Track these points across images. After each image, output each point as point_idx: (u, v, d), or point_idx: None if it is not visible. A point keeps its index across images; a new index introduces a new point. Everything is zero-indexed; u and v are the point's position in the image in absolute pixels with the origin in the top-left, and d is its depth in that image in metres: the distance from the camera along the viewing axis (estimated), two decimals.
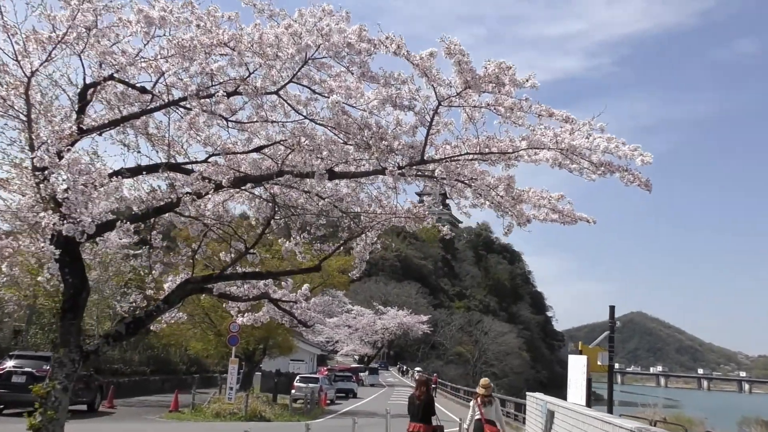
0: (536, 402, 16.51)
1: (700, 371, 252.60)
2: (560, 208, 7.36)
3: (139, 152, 7.58)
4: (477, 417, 12.12)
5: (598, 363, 19.50)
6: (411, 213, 8.69)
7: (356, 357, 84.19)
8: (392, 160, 6.86)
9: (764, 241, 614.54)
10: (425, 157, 6.85)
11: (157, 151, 7.25)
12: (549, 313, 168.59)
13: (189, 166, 7.46)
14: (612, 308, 20.90)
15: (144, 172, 6.94)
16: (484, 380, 12.71)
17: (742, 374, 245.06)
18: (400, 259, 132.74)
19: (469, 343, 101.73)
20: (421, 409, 11.66)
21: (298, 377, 37.33)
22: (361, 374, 62.48)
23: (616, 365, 19.65)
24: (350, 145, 6.72)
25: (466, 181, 7.30)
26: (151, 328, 8.24)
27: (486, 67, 5.78)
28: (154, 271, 7.55)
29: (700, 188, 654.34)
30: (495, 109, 6.20)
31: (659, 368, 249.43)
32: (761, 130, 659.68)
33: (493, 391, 12.77)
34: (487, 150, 6.57)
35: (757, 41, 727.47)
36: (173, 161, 7.58)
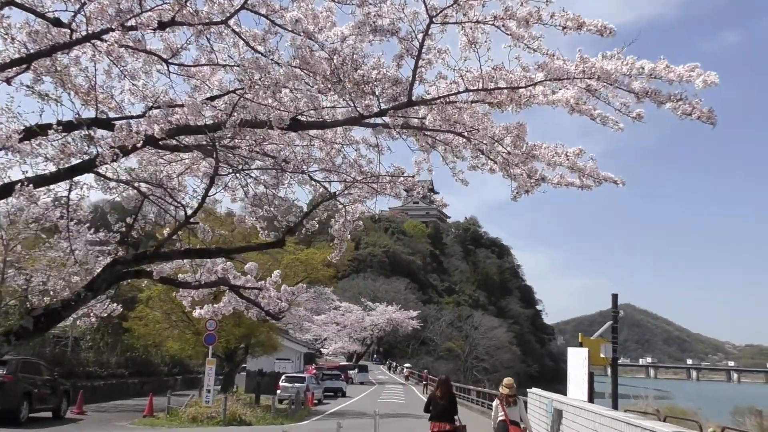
0: (539, 399, 15.14)
1: (689, 362, 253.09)
2: (581, 166, 5.95)
3: (60, 104, 6.08)
4: (501, 418, 11.80)
5: (601, 355, 18.32)
6: (396, 179, 7.28)
7: (332, 354, 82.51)
8: (371, 103, 5.40)
9: (750, 232, 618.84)
10: (413, 98, 5.39)
11: (73, 101, 5.73)
12: (538, 307, 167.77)
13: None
14: (615, 296, 19.59)
15: (56, 127, 5.42)
16: (507, 380, 12.42)
17: (731, 364, 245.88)
18: (388, 254, 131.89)
19: (459, 339, 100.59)
20: (445, 409, 11.61)
21: (283, 377, 35.79)
22: (351, 372, 61.04)
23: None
24: (317, 86, 5.26)
25: (465, 133, 5.86)
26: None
27: None
28: (77, 251, 6.07)
29: (687, 180, 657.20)
30: (504, 25, 4.76)
31: (648, 359, 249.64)
32: (749, 122, 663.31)
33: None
34: (492, 85, 5.13)
35: (741, 33, 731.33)
36: (104, 116, 6.11)
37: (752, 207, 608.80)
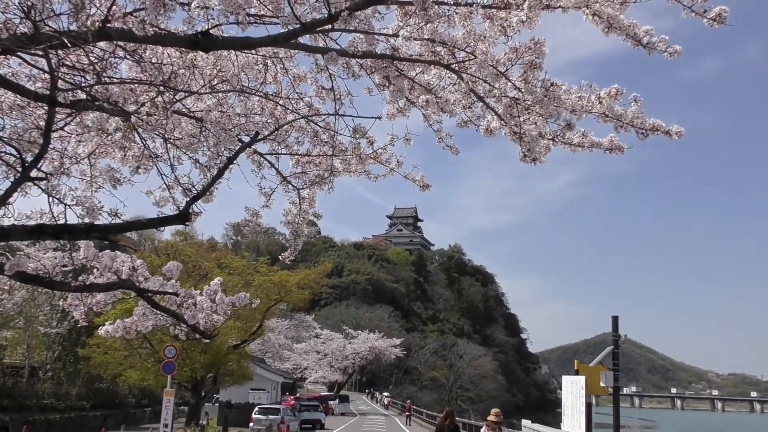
0: None
1: (673, 390, 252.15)
2: (619, 111, 4.20)
3: None
4: None
5: (601, 384, 16.63)
6: (360, 153, 5.48)
7: (314, 382, 79.87)
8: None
9: (732, 260, 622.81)
10: None
11: None
12: (523, 335, 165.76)
13: None
14: (615, 319, 17.95)
15: None
16: (495, 410, 13.66)
17: (714, 393, 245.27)
18: (371, 282, 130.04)
19: (444, 368, 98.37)
20: None
21: (256, 408, 33.47)
22: (331, 402, 58.52)
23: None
24: None
25: (454, 64, 4.10)
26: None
27: None
28: None
29: (667, 207, 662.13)
30: None
31: (633, 388, 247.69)
32: (728, 149, 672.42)
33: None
34: None
35: (720, 60, 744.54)
36: None
37: (735, 235, 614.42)
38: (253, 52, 4.61)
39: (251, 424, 31.09)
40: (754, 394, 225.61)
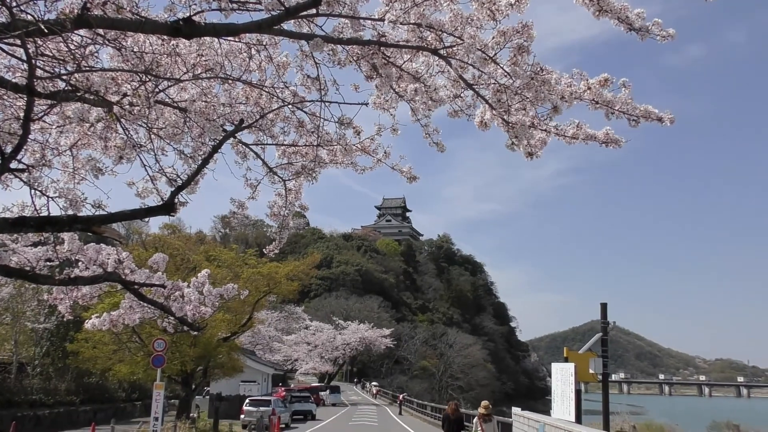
0: (527, 423, 13.35)
1: (661, 376, 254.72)
2: (608, 98, 4.16)
3: None
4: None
5: (590, 371, 16.79)
6: (345, 144, 5.41)
7: (304, 373, 79.95)
8: None
9: (717, 247, 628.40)
10: None
11: None
12: (512, 324, 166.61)
13: None
14: (604, 306, 18.13)
15: None
16: (485, 402, 14.91)
17: (702, 378, 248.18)
18: (360, 273, 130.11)
19: (434, 357, 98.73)
20: (455, 424, 15.47)
21: (247, 400, 33.43)
22: (322, 393, 58.65)
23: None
24: None
25: (442, 49, 4.04)
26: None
27: None
28: None
29: (653, 195, 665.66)
30: None
31: (621, 375, 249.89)
32: (713, 137, 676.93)
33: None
34: None
35: (705, 46, 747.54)
36: None
37: (720, 221, 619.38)
38: (237, 39, 4.53)
39: (242, 416, 31.09)
40: (740, 378, 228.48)
